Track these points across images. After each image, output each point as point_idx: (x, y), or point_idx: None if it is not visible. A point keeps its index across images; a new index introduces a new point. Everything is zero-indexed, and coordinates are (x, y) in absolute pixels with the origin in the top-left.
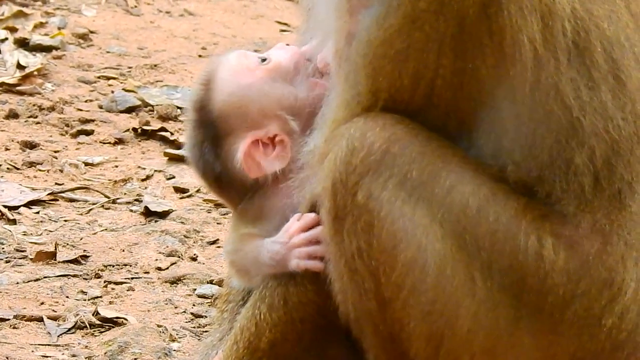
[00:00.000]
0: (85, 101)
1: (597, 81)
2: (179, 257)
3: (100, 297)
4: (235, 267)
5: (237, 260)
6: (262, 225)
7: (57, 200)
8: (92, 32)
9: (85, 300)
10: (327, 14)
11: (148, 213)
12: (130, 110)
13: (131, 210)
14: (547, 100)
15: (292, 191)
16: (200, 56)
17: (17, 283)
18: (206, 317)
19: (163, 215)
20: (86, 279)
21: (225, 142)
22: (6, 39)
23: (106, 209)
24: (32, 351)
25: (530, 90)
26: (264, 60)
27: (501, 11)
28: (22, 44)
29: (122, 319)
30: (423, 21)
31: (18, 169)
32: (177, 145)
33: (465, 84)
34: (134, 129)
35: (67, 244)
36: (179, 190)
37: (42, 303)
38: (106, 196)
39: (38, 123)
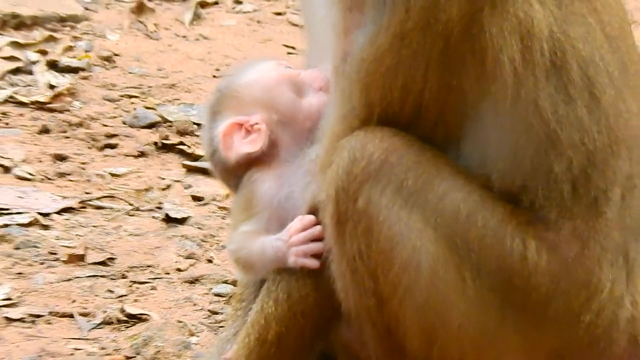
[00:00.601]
0: (110, 117)
1: (573, 97)
2: (197, 259)
3: (126, 295)
4: (240, 263)
5: (242, 257)
6: (255, 217)
7: (86, 207)
8: (115, 54)
9: (112, 298)
10: (326, 35)
11: (168, 219)
12: (150, 125)
13: (153, 217)
14: (527, 115)
15: (279, 183)
16: (214, 76)
17: (51, 283)
18: (222, 313)
19: (182, 221)
20: (113, 279)
21: (218, 116)
22: (38, 61)
23: (130, 215)
24: (65, 344)
25: (511, 105)
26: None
27: (483, 32)
28: (53, 65)
29: (145, 315)
30: (411, 39)
31: (50, 179)
32: (194, 157)
33: (450, 98)
34: (155, 143)
35: (96, 248)
36: (196, 198)
37: (73, 301)
38: (130, 204)
39: (67, 137)
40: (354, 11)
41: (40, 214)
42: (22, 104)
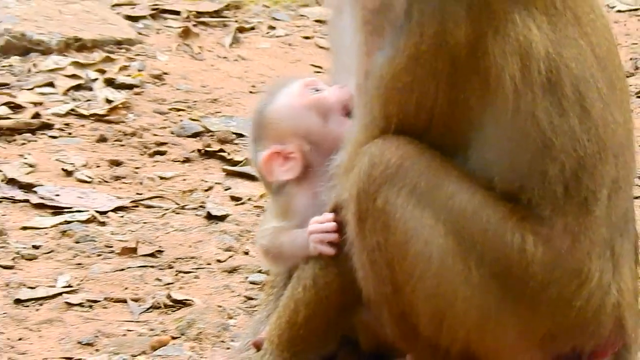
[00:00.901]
0: (160, 128)
1: (566, 109)
2: (235, 251)
3: (172, 283)
4: (269, 254)
5: (272, 249)
6: (288, 219)
7: (138, 206)
8: (165, 73)
9: (160, 285)
10: (350, 57)
11: (210, 217)
12: (195, 135)
13: (196, 215)
14: (525, 125)
15: (313, 195)
16: (250, 92)
17: (106, 272)
18: (256, 299)
19: (222, 218)
20: (161, 269)
21: (259, 143)
22: (97, 79)
23: (176, 213)
24: (118, 326)
25: (512, 117)
26: (317, 91)
27: (487, 54)
28: (110, 83)
29: (189, 301)
30: (424, 60)
31: (107, 182)
32: (233, 163)
33: (458, 111)
34: (199, 150)
35: (146, 241)
36: (234, 198)
37: (126, 288)
38: (176, 203)
39: (122, 145)
40: (374, 35)
41: (97, 212)
42: (82, 116)
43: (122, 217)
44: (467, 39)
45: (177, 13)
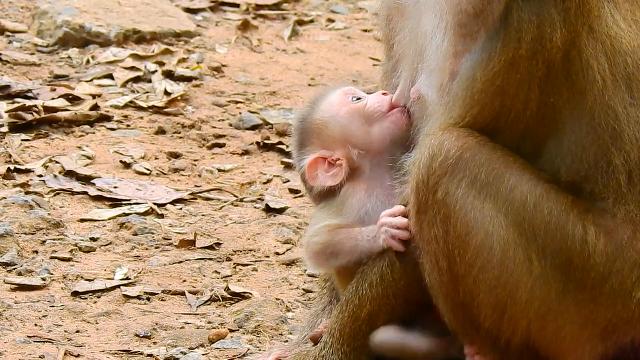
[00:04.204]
0: (219, 120)
1: (637, 99)
2: (293, 244)
3: (231, 276)
4: (325, 253)
5: (329, 246)
6: (342, 219)
7: (196, 199)
8: (224, 65)
9: (218, 278)
10: (429, 56)
11: (268, 209)
12: (254, 127)
13: (255, 207)
14: (600, 117)
15: (367, 194)
16: (309, 85)
17: (165, 265)
18: (315, 292)
19: (280, 211)
20: (219, 262)
21: (304, 148)
22: (156, 71)
23: (235, 206)
24: (176, 319)
25: (590, 111)
26: (358, 99)
27: (579, 55)
28: (168, 75)
29: (248, 294)
30: (519, 65)
31: (165, 174)
32: (291, 155)
33: (546, 114)
34: (257, 143)
35: (204, 234)
36: (293, 191)
37: (184, 280)
38: (235, 196)
39: (181, 138)
40: (467, 38)
41: (156, 204)
42: (141, 108)
43: (180, 209)
44: (563, 41)
45: (237, 6)
